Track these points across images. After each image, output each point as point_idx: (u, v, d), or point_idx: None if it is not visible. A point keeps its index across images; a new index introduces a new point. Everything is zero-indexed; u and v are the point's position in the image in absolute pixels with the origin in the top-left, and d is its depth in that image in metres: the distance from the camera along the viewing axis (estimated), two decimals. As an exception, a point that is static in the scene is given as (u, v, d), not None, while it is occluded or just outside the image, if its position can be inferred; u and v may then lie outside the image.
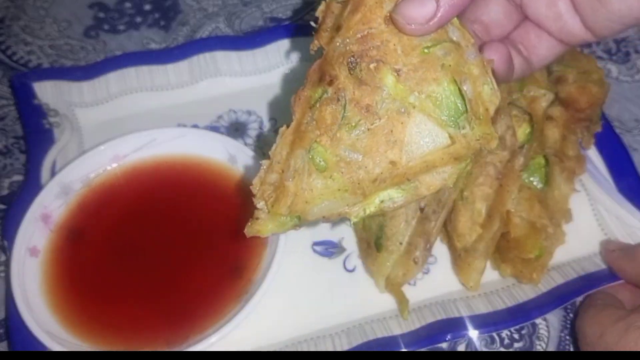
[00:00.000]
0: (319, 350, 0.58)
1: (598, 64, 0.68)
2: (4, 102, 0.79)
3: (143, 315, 0.60)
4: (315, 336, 0.60)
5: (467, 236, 0.60)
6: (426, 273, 0.65)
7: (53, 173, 0.67)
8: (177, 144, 0.69)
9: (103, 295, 0.61)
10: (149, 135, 0.69)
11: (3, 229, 0.65)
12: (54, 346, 0.55)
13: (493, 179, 0.60)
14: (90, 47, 0.84)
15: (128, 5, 0.89)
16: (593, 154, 0.68)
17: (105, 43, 0.85)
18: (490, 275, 0.63)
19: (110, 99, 0.76)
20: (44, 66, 0.82)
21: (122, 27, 0.87)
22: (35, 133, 0.71)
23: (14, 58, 0.83)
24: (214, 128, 0.75)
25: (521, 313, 0.59)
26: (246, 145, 0.72)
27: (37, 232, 0.63)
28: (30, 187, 0.66)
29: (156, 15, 0.88)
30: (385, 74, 0.41)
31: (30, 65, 0.82)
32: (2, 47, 0.84)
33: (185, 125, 0.74)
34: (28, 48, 0.84)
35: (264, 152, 0.73)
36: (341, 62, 0.42)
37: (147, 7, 0.89)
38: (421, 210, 0.59)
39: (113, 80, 0.76)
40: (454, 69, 0.41)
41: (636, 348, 0.49)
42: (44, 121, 0.71)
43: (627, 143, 0.71)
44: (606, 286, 0.60)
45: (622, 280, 0.60)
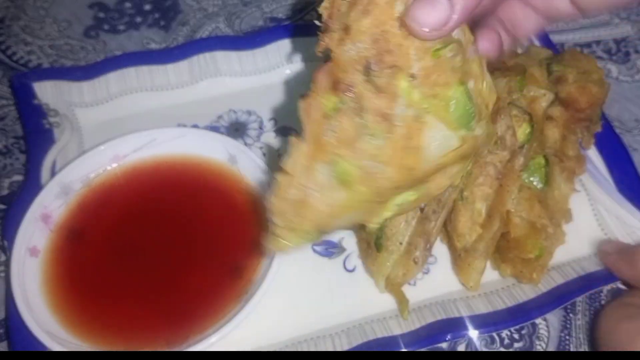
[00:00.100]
0: (319, 350, 0.58)
1: (598, 64, 0.68)
2: (4, 102, 0.79)
3: (143, 315, 0.60)
4: (315, 336, 0.60)
5: (467, 236, 0.60)
6: (426, 273, 0.65)
7: (53, 173, 0.67)
8: (177, 144, 0.69)
9: (103, 295, 0.61)
10: (149, 135, 0.69)
11: (3, 229, 0.65)
12: (54, 346, 0.55)
13: (493, 179, 0.60)
14: (90, 47, 0.84)
15: (128, 5, 0.89)
16: (593, 154, 0.68)
17: (105, 43, 0.85)
18: (490, 275, 0.63)
19: (110, 99, 0.75)
20: (44, 66, 0.82)
21: (122, 27, 0.87)
22: (35, 133, 0.71)
23: (14, 58, 0.83)
24: (214, 128, 0.75)
25: (521, 313, 0.59)
26: (246, 145, 0.72)
27: (37, 232, 0.63)
28: (30, 187, 0.66)
29: (156, 15, 0.88)
30: (401, 80, 0.40)
31: (30, 65, 0.82)
32: (2, 47, 0.84)
33: (185, 125, 0.74)
34: (28, 48, 0.84)
35: (264, 153, 0.73)
36: (356, 69, 0.40)
37: (147, 7, 0.89)
38: (421, 210, 0.59)
39: (113, 80, 0.76)
40: (462, 70, 0.41)
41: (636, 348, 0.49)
42: (44, 121, 0.71)
43: (627, 143, 0.71)
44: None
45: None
